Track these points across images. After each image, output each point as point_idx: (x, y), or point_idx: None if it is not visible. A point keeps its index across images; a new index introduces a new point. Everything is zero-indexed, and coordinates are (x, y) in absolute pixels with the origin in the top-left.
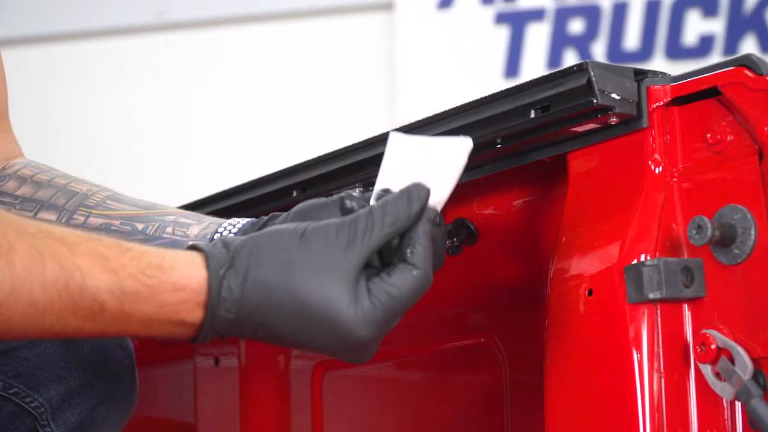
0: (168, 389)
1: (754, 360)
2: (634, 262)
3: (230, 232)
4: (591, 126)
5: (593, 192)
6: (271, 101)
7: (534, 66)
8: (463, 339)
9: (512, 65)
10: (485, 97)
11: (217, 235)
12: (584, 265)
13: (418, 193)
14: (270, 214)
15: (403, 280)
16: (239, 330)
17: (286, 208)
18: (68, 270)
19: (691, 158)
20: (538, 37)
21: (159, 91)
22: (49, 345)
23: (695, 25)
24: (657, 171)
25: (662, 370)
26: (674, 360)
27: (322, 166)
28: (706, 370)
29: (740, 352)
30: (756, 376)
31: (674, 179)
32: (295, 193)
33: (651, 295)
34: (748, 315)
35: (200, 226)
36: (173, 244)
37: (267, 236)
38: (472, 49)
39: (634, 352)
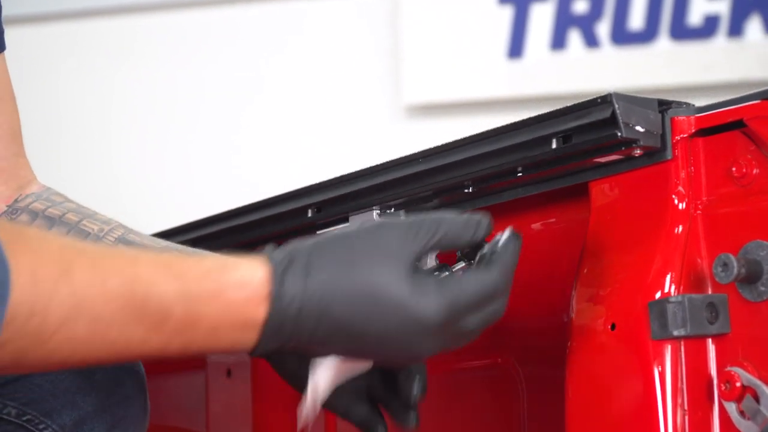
0: (181, 398)
1: None
2: (658, 297)
3: None
4: (614, 157)
5: (615, 223)
6: (274, 82)
7: (538, 47)
8: (480, 359)
9: (516, 46)
10: (506, 126)
11: None
12: (607, 299)
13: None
14: None
15: (474, 277)
16: (302, 326)
17: (302, 228)
18: (131, 280)
19: (716, 191)
20: (542, 18)
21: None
22: (61, 371)
23: (700, 6)
24: (681, 204)
25: (686, 407)
26: (698, 397)
27: (339, 188)
28: (731, 408)
29: (766, 391)
30: None
31: (698, 212)
32: (310, 213)
33: (675, 332)
34: None
35: None
36: None
37: (323, 236)
38: (475, 30)
39: (658, 389)
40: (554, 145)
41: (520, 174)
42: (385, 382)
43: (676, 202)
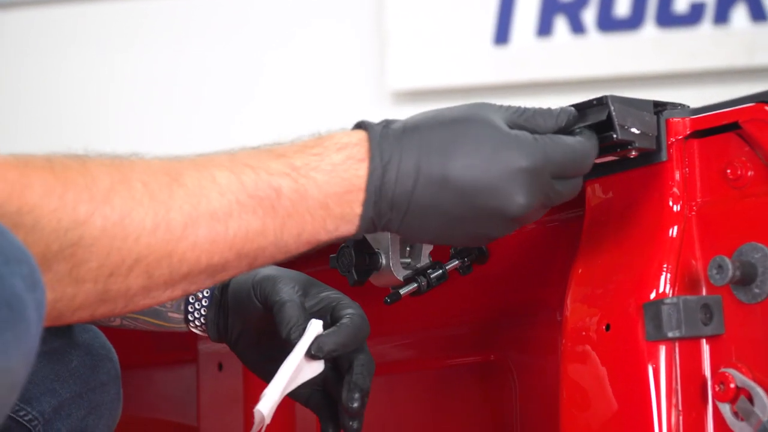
0: (172, 392)
1: None
2: (653, 298)
3: (204, 296)
4: (609, 158)
5: (610, 223)
6: (258, 68)
7: (524, 33)
8: (473, 356)
9: (502, 32)
10: None
11: (189, 306)
12: (601, 299)
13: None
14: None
15: (568, 137)
16: (402, 183)
17: None
18: (238, 170)
19: (711, 193)
20: (528, 4)
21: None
22: (40, 359)
23: None
24: (676, 205)
25: (680, 408)
26: (692, 397)
27: None
28: (725, 409)
29: (760, 392)
30: None
31: (693, 213)
32: None
33: (670, 334)
34: (767, 355)
35: None
36: (154, 313)
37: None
38: (461, 16)
39: (653, 389)
40: None
41: None
42: (337, 372)
43: (671, 203)
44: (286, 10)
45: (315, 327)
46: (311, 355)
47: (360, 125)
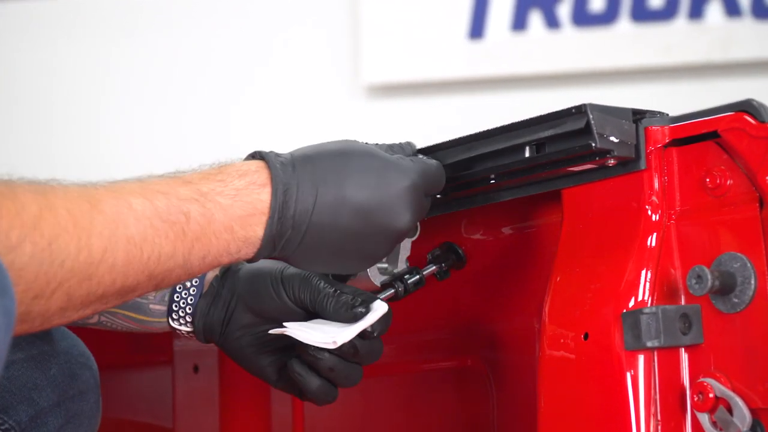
0: (147, 393)
1: (752, 410)
2: (632, 307)
3: (192, 285)
4: (587, 167)
5: (588, 232)
6: (231, 61)
7: (499, 28)
8: (450, 360)
9: (477, 27)
10: (480, 133)
11: (176, 296)
12: (580, 309)
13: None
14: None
15: (426, 160)
16: (303, 202)
17: None
18: (151, 197)
19: (690, 202)
20: None
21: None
22: (18, 368)
23: None
24: (654, 214)
25: (659, 417)
26: (671, 407)
27: None
28: (704, 419)
29: (738, 402)
30: (754, 427)
31: (672, 222)
32: None
33: (649, 343)
34: (746, 365)
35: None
36: (135, 307)
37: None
38: (436, 10)
39: (631, 399)
40: (527, 154)
41: (493, 181)
42: None
43: (649, 212)
44: (261, 5)
45: (381, 307)
46: (367, 332)
47: (254, 155)
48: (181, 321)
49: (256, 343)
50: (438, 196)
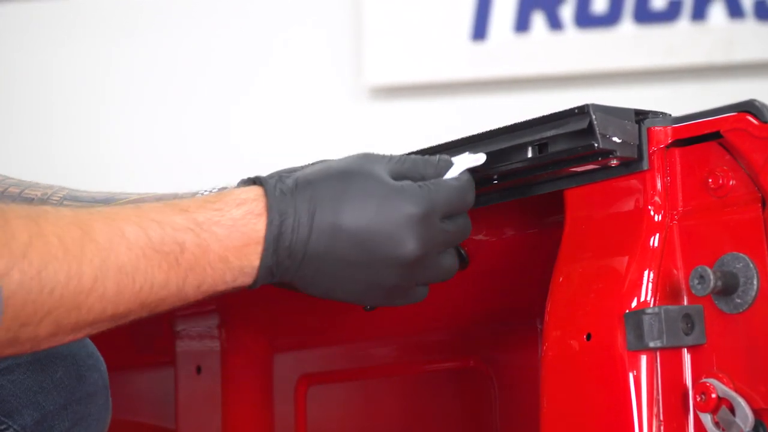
0: (150, 395)
1: (754, 411)
2: (634, 308)
3: None
4: (590, 167)
5: (591, 232)
6: (234, 63)
7: (501, 29)
8: (452, 361)
9: (479, 28)
10: (482, 134)
11: None
12: (582, 309)
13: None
14: None
15: (449, 180)
16: (299, 234)
17: None
18: (145, 225)
19: (692, 202)
20: (505, 0)
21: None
22: (23, 371)
23: None
24: (657, 214)
25: (661, 418)
26: (674, 408)
27: None
28: (706, 419)
29: (741, 403)
30: (757, 428)
31: (674, 223)
32: None
33: (651, 344)
34: (748, 365)
35: None
36: None
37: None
38: (439, 11)
39: (634, 399)
40: (530, 154)
41: (495, 182)
42: None
43: (652, 212)
44: (262, 5)
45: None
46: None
47: (255, 180)
48: None
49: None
50: None
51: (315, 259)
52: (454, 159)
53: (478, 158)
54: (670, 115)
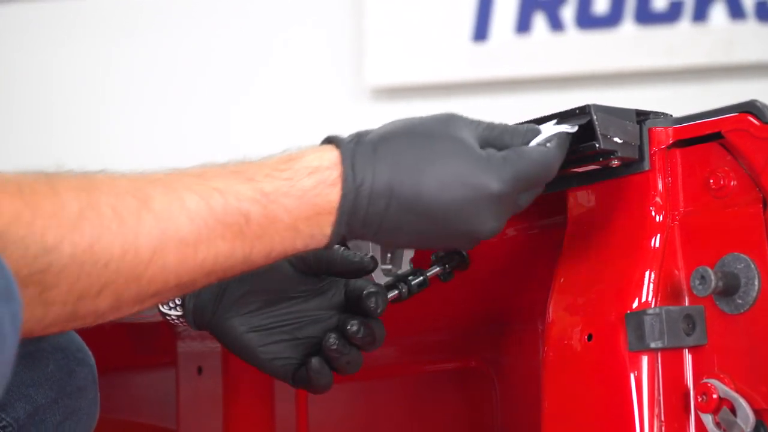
0: (151, 395)
1: (756, 411)
2: (635, 308)
3: None
4: (591, 167)
5: (592, 232)
6: (235, 63)
7: (502, 30)
8: (453, 362)
9: (481, 29)
10: None
11: None
12: (583, 309)
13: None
14: None
15: (535, 150)
16: (374, 206)
17: None
18: (207, 195)
19: (693, 203)
20: (507, 1)
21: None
22: (15, 364)
23: None
24: (658, 215)
25: (663, 419)
26: (675, 408)
27: None
28: (707, 419)
29: (742, 403)
30: (758, 428)
31: (675, 223)
32: None
33: (653, 344)
34: (750, 365)
35: None
36: None
37: (387, 123)
38: (440, 12)
39: (635, 400)
40: None
41: None
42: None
43: (653, 213)
44: (263, 5)
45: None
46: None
47: (331, 140)
48: (171, 304)
49: (249, 322)
50: None
51: (392, 229)
52: (542, 127)
53: (568, 128)
54: (671, 115)
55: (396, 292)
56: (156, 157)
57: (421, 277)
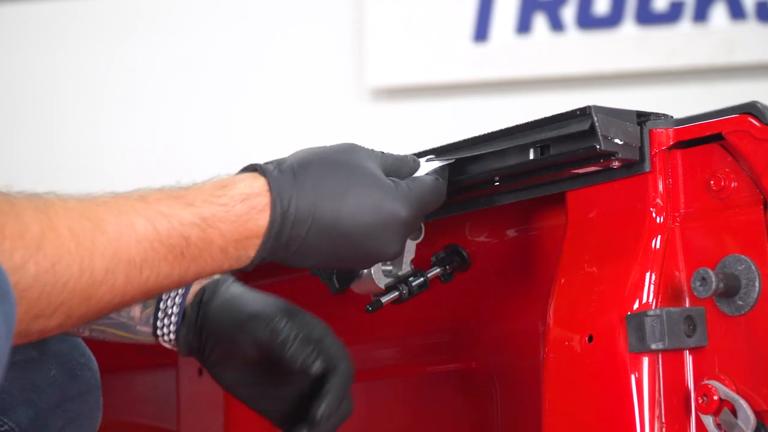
0: (152, 396)
1: (756, 413)
2: (636, 310)
3: (174, 303)
4: (592, 169)
5: (593, 234)
6: (236, 64)
7: (503, 30)
8: (454, 363)
9: (481, 29)
10: (484, 135)
11: (160, 313)
12: (584, 311)
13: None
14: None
15: (430, 180)
16: (297, 229)
17: None
18: (153, 218)
19: (694, 204)
20: (507, 2)
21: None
22: (18, 369)
23: None
24: (659, 216)
25: (663, 420)
26: (675, 409)
27: None
28: (708, 421)
29: (743, 405)
30: (758, 429)
31: (676, 224)
32: None
33: (653, 346)
34: (750, 367)
35: (140, 306)
36: (122, 326)
37: (302, 150)
38: (441, 13)
39: (635, 401)
40: (531, 156)
41: (497, 183)
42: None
43: (654, 214)
44: (264, 6)
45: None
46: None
47: (255, 168)
48: (171, 344)
49: (235, 376)
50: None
51: (307, 250)
52: (421, 160)
53: (444, 162)
54: (671, 116)
55: (396, 293)
56: (157, 157)
57: (422, 279)
